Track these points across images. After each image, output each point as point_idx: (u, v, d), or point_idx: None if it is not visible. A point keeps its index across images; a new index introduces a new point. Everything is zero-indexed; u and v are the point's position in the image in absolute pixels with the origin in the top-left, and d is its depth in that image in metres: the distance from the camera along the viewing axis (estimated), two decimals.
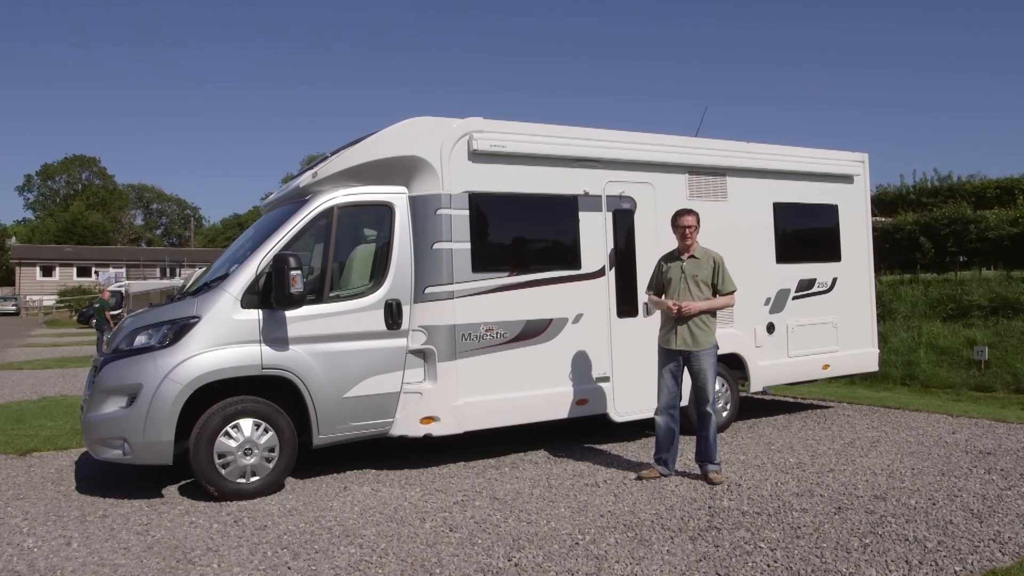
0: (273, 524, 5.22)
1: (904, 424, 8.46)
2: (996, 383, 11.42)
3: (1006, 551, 4.45)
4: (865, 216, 9.39)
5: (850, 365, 9.20)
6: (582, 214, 7.31)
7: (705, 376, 6.07)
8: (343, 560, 4.50)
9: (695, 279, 6.11)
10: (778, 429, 8.31)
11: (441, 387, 6.53)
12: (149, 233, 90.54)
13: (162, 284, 33.71)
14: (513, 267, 6.95)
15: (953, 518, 5.05)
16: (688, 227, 6.15)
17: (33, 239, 73.34)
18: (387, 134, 6.69)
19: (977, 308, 14.11)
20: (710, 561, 4.38)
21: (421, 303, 6.56)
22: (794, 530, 4.87)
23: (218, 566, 4.46)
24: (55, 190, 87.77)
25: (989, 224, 16.62)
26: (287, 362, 6.04)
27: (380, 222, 6.70)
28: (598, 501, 5.61)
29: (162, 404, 5.66)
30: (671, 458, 6.28)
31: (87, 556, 4.67)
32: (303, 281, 5.95)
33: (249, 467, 5.89)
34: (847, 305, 9.02)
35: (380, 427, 6.50)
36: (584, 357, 7.21)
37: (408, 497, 5.85)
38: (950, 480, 6.02)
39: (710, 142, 8.28)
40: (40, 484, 6.51)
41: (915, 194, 22.33)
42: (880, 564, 4.28)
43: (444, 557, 4.52)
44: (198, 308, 5.94)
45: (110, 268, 56.91)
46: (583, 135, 7.36)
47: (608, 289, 7.40)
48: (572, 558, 4.46)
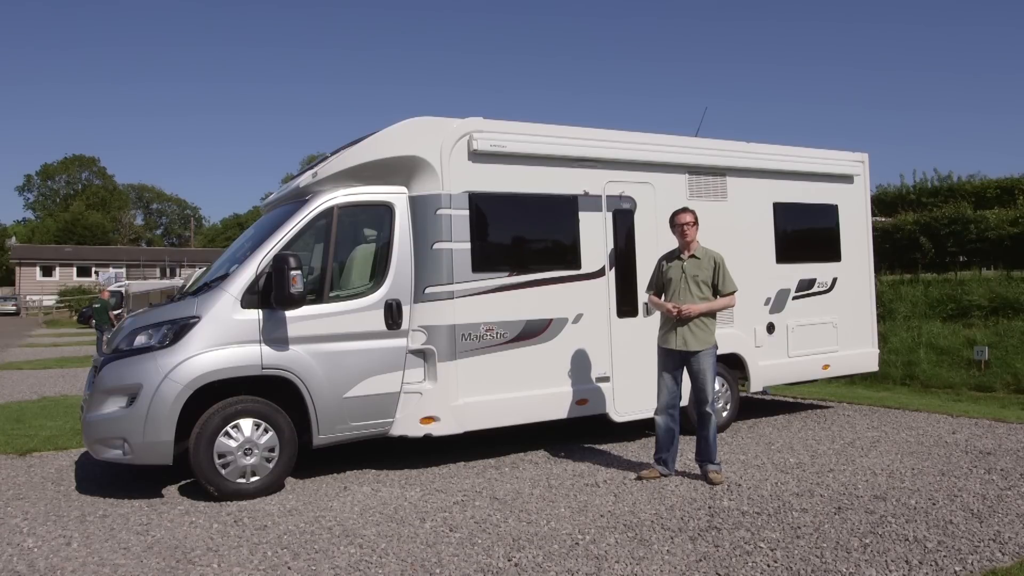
0: (273, 524, 5.22)
1: (904, 424, 8.46)
2: (996, 383, 11.42)
3: (1006, 551, 4.45)
4: (865, 216, 9.39)
5: (850, 365, 9.20)
6: (582, 214, 7.31)
7: (705, 376, 6.07)
8: (343, 560, 4.50)
9: (695, 279, 6.10)
10: (778, 429, 8.32)
11: (441, 387, 6.53)
12: (149, 233, 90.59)
13: (162, 284, 33.72)
14: (513, 267, 6.95)
15: (953, 518, 5.05)
16: (685, 224, 6.14)
17: (33, 239, 73.40)
18: (387, 134, 6.70)
19: (977, 308, 14.11)
20: (710, 561, 4.38)
21: (421, 303, 6.56)
22: (794, 530, 4.87)
23: (218, 566, 4.46)
24: (55, 190, 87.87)
25: (989, 224, 16.62)
26: (287, 362, 6.04)
27: (380, 222, 6.70)
28: (598, 501, 5.61)
29: (162, 404, 5.66)
30: (671, 458, 6.28)
31: (87, 556, 4.67)
32: (303, 281, 5.95)
33: (249, 467, 5.89)
34: (847, 305, 9.02)
35: (380, 427, 6.50)
36: (584, 357, 7.21)
37: (408, 497, 5.85)
38: (950, 480, 6.02)
39: (710, 142, 8.28)
40: (40, 484, 6.51)
41: (915, 194, 22.33)
42: (880, 564, 4.28)
43: (444, 557, 4.52)
44: (198, 308, 5.95)
45: (110, 268, 56.91)
46: (583, 135, 7.37)
47: (608, 289, 7.40)
48: (572, 558, 4.46)
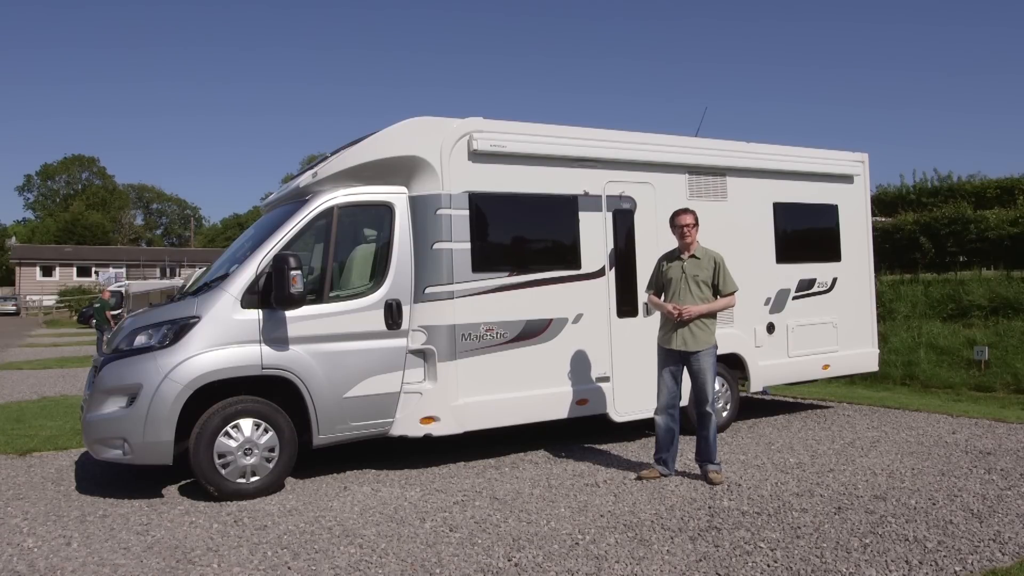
0: (273, 524, 5.22)
1: (904, 424, 8.46)
2: (996, 383, 11.41)
3: (1006, 551, 4.45)
4: (865, 216, 9.39)
5: (850, 365, 9.20)
6: (582, 214, 7.31)
7: (705, 376, 6.07)
8: (343, 560, 4.50)
9: (695, 279, 6.10)
10: (778, 429, 8.31)
11: (441, 387, 6.53)
12: (149, 233, 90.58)
13: (162, 284, 33.66)
14: (513, 267, 6.95)
15: (953, 518, 5.05)
16: (685, 225, 6.14)
17: (33, 239, 73.39)
18: (387, 134, 6.70)
19: (977, 308, 14.10)
20: (710, 561, 4.38)
21: (421, 303, 6.56)
22: (794, 530, 4.87)
23: (218, 566, 4.46)
24: (55, 190, 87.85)
25: (989, 224, 16.61)
26: (287, 362, 6.04)
27: (380, 222, 6.70)
28: (598, 501, 5.61)
29: (162, 404, 5.66)
30: (671, 458, 6.28)
31: (87, 556, 4.67)
32: (303, 281, 5.95)
33: (249, 467, 5.89)
34: (847, 305, 9.02)
35: (380, 427, 6.50)
36: (584, 357, 7.21)
37: (408, 497, 5.85)
38: (950, 480, 6.02)
39: (710, 142, 8.28)
40: (40, 484, 6.51)
41: (915, 194, 22.30)
42: (880, 564, 4.28)
43: (444, 557, 4.52)
44: (198, 308, 5.95)
45: (110, 268, 56.82)
46: (583, 135, 7.36)
47: (608, 289, 7.40)
48: (572, 558, 4.46)
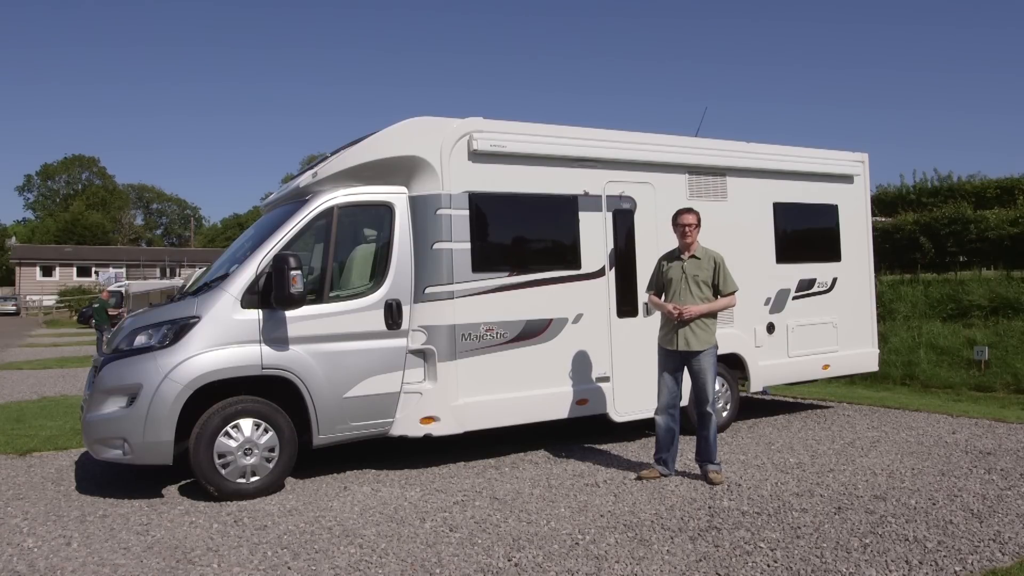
0: (273, 524, 5.22)
1: (904, 424, 8.46)
2: (996, 383, 11.42)
3: (1006, 551, 4.45)
4: (865, 216, 9.39)
5: (850, 365, 9.20)
6: (582, 214, 7.31)
7: (705, 376, 6.07)
8: (343, 560, 4.50)
9: (696, 279, 6.10)
10: (778, 429, 8.31)
11: (441, 387, 6.53)
12: (149, 233, 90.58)
13: (162, 284, 33.72)
14: (513, 267, 6.95)
15: (953, 518, 5.05)
16: (688, 225, 6.14)
17: (33, 239, 73.41)
18: (387, 134, 6.70)
19: (977, 308, 14.11)
20: (710, 561, 4.38)
21: (421, 303, 6.56)
22: (794, 530, 4.87)
23: (218, 566, 4.46)
24: (55, 190, 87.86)
25: (989, 224, 16.62)
26: (287, 362, 6.04)
27: (380, 222, 6.70)
28: (598, 501, 5.61)
29: (162, 404, 5.66)
30: (671, 458, 6.28)
31: (87, 556, 4.67)
32: (303, 281, 5.95)
33: (249, 467, 5.89)
34: (847, 305, 9.02)
35: (380, 427, 6.50)
36: (584, 357, 7.21)
37: (408, 497, 5.85)
38: (950, 480, 6.02)
39: (710, 142, 8.28)
40: (40, 484, 6.51)
41: (915, 194, 22.32)
42: (880, 564, 4.28)
43: (444, 557, 4.52)
44: (198, 308, 5.95)
45: (110, 268, 56.85)
46: (583, 135, 7.36)
47: (608, 289, 7.40)
48: (572, 558, 4.46)
